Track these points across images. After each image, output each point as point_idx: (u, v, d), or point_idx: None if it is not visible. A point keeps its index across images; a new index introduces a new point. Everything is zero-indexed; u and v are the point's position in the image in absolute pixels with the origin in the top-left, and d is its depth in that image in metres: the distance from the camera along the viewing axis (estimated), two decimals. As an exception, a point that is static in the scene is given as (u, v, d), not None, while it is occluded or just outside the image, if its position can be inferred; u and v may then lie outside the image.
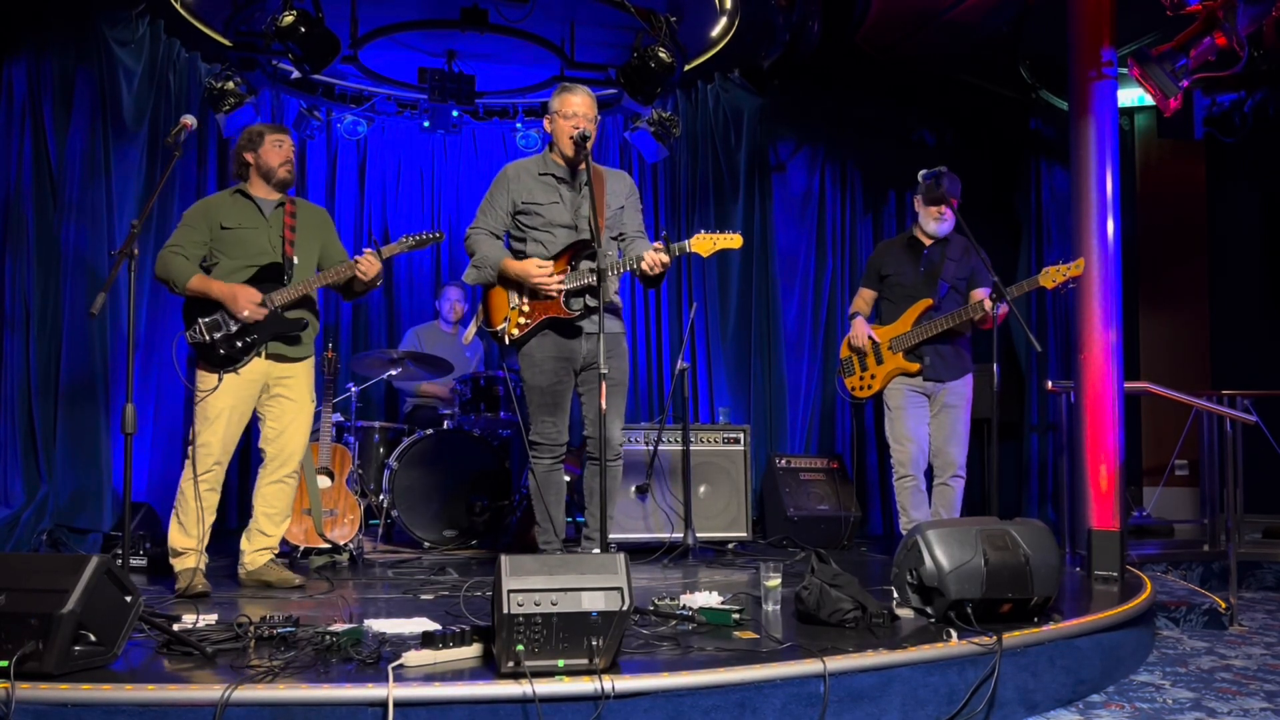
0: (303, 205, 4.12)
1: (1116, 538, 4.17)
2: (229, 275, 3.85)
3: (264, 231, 3.92)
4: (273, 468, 3.96)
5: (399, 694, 2.27)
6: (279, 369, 3.92)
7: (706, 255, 3.84)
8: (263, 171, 3.95)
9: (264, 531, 3.97)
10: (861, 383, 4.78)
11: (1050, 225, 7.10)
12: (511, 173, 3.99)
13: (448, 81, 6.23)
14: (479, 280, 3.94)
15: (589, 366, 3.91)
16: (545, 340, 3.87)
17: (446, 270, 7.16)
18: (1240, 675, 3.51)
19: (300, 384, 3.98)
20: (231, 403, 3.82)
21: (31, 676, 2.29)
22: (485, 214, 3.98)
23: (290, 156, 3.97)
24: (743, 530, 5.41)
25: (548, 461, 3.96)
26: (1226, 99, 6.64)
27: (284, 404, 3.94)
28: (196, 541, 3.79)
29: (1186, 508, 7.02)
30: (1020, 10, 5.86)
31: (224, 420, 3.81)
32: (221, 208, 3.94)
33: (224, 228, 3.88)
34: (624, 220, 4.00)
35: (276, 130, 3.98)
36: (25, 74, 5.40)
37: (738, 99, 6.89)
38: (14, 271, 5.31)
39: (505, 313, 3.90)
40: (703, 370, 6.81)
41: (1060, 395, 5.55)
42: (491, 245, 3.93)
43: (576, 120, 3.82)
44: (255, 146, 3.94)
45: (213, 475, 3.82)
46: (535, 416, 3.96)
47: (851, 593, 3.07)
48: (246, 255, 3.89)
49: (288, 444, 3.96)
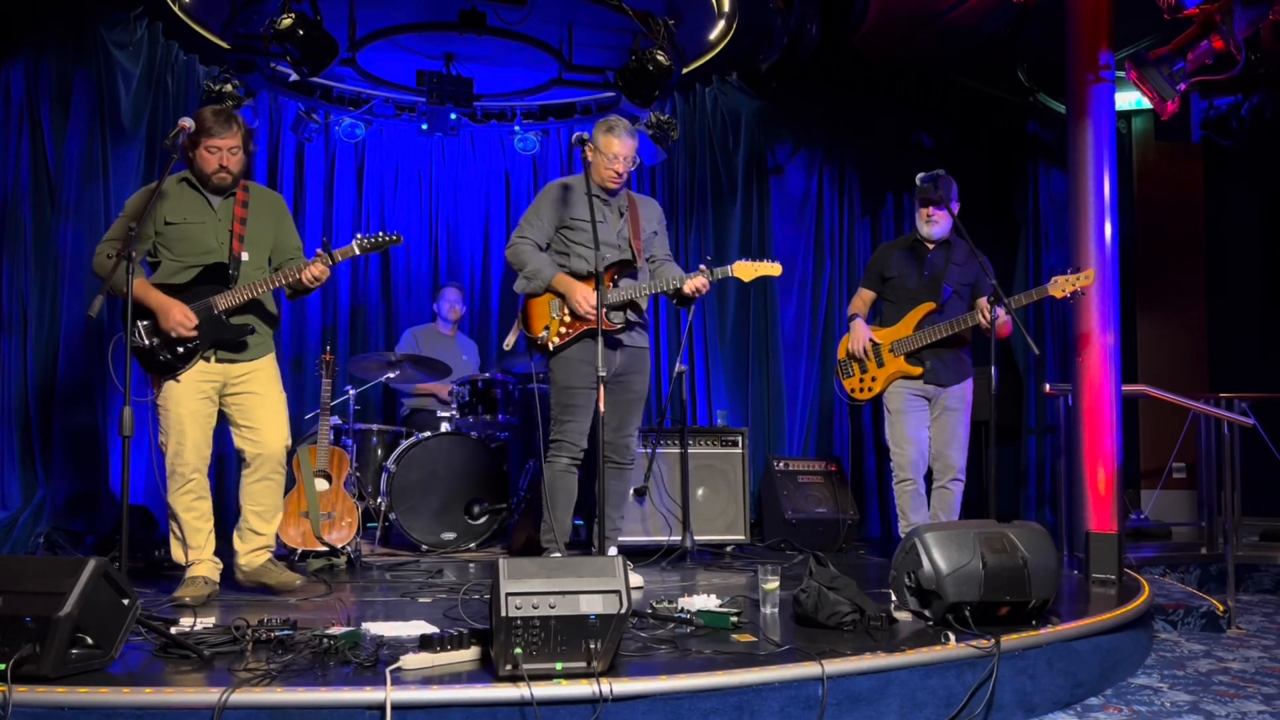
0: (256, 192, 3.89)
1: (1114, 540, 4.17)
2: (172, 275, 3.68)
3: (211, 226, 3.72)
4: (255, 465, 3.78)
5: (397, 697, 2.27)
6: (235, 370, 3.74)
7: (748, 280, 4.19)
8: (196, 174, 3.73)
9: (256, 530, 3.81)
10: (861, 385, 4.77)
11: (1048, 228, 7.11)
12: (562, 190, 4.14)
13: (446, 84, 6.24)
14: (529, 290, 4.08)
15: (616, 378, 4.09)
16: (585, 347, 3.99)
17: (445, 272, 7.16)
18: (1238, 678, 3.51)
19: (264, 378, 3.80)
20: (189, 409, 3.65)
21: (29, 679, 2.29)
22: (531, 225, 4.12)
23: (226, 163, 3.68)
24: (741, 533, 5.41)
25: (565, 461, 4.06)
26: (1224, 102, 6.66)
27: (250, 400, 3.76)
28: (198, 551, 3.68)
29: (1184, 510, 7.02)
30: (1018, 13, 5.87)
31: (189, 427, 3.65)
32: (165, 199, 3.69)
33: (168, 223, 3.68)
34: (655, 245, 4.27)
35: (217, 133, 3.65)
36: (23, 76, 5.40)
37: (736, 102, 6.90)
38: (12, 274, 5.31)
39: (546, 321, 4.04)
40: (701, 373, 6.81)
41: (1058, 398, 5.55)
42: (542, 258, 4.08)
43: (619, 165, 4.05)
44: (193, 144, 3.66)
45: (195, 484, 3.68)
46: (562, 416, 4.07)
47: (849, 595, 3.07)
48: (191, 253, 3.69)
49: (266, 440, 3.77)
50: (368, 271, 7.04)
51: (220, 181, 3.71)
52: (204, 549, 3.71)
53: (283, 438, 3.82)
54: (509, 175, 7.29)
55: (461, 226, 7.23)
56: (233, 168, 3.71)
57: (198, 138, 3.64)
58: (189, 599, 3.52)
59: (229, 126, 3.68)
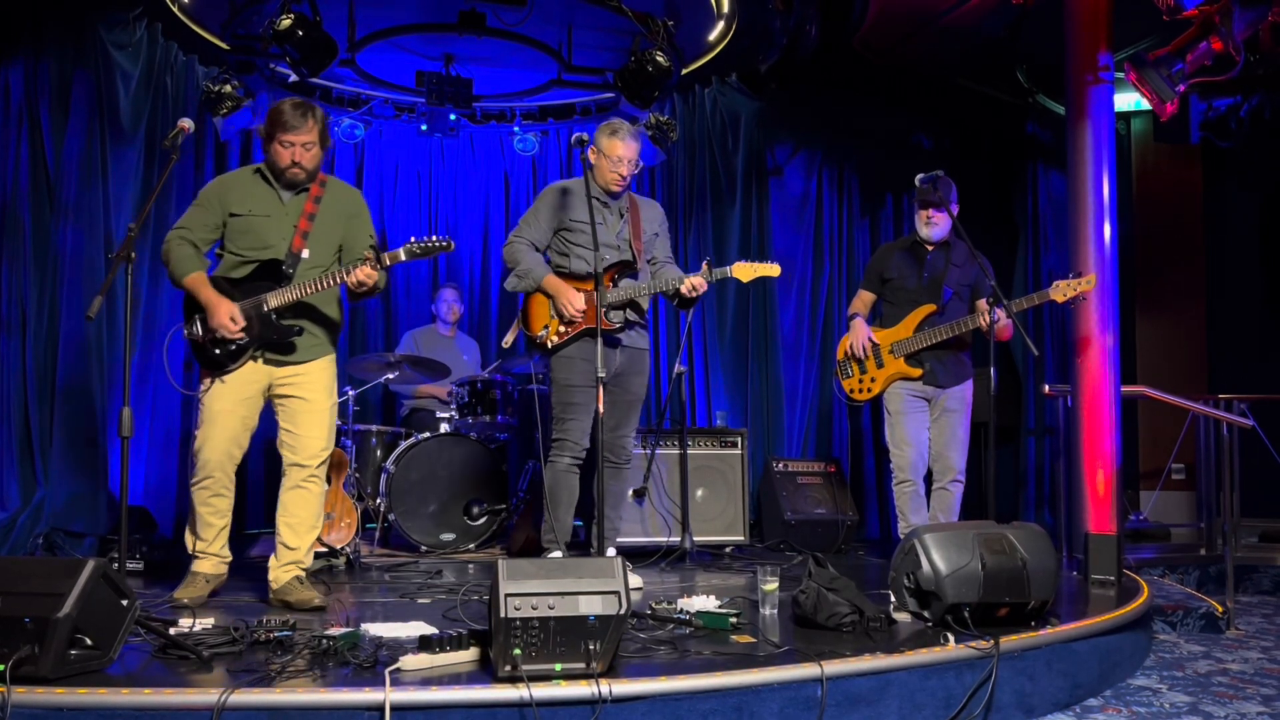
0: (334, 188, 3.70)
1: (1113, 541, 4.17)
2: (230, 270, 3.57)
3: (276, 221, 3.58)
4: (291, 473, 3.61)
5: (396, 698, 2.27)
6: (281, 372, 3.59)
7: (746, 281, 4.20)
8: (270, 167, 3.61)
9: (286, 544, 3.60)
10: (861, 385, 4.77)
11: (1047, 229, 7.11)
12: (561, 193, 4.14)
13: (445, 85, 6.24)
14: (520, 289, 4.10)
15: (614, 378, 4.08)
16: (585, 346, 3.99)
17: (444, 272, 7.16)
18: (1237, 679, 3.51)
19: (311, 382, 3.63)
20: (228, 406, 3.54)
21: (27, 680, 2.29)
22: (530, 226, 4.13)
23: (300, 159, 3.54)
24: (740, 534, 5.42)
25: (567, 460, 4.07)
26: (1223, 103, 6.65)
27: (295, 405, 3.61)
28: (206, 545, 3.61)
29: (1183, 511, 7.02)
30: (1017, 14, 5.87)
31: (219, 424, 3.53)
32: (236, 189, 3.59)
33: (233, 214, 3.57)
34: (656, 246, 4.27)
35: (292, 127, 3.50)
36: (22, 77, 5.39)
37: (735, 103, 6.90)
38: (11, 275, 5.30)
39: (545, 320, 4.05)
40: (700, 374, 6.81)
41: (1057, 399, 5.55)
42: (535, 258, 4.09)
43: (622, 168, 4.04)
44: (268, 137, 3.56)
45: (214, 481, 3.55)
46: (563, 415, 4.08)
47: (849, 596, 3.07)
48: (251, 247, 3.57)
49: (304, 447, 3.60)
50: (367, 272, 7.02)
51: (293, 178, 3.57)
52: (212, 544, 3.63)
53: (321, 447, 3.63)
54: (508, 176, 7.28)
55: (461, 227, 7.22)
56: (306, 164, 3.55)
57: (273, 130, 3.51)
58: (187, 600, 3.49)
59: (305, 121, 3.51)
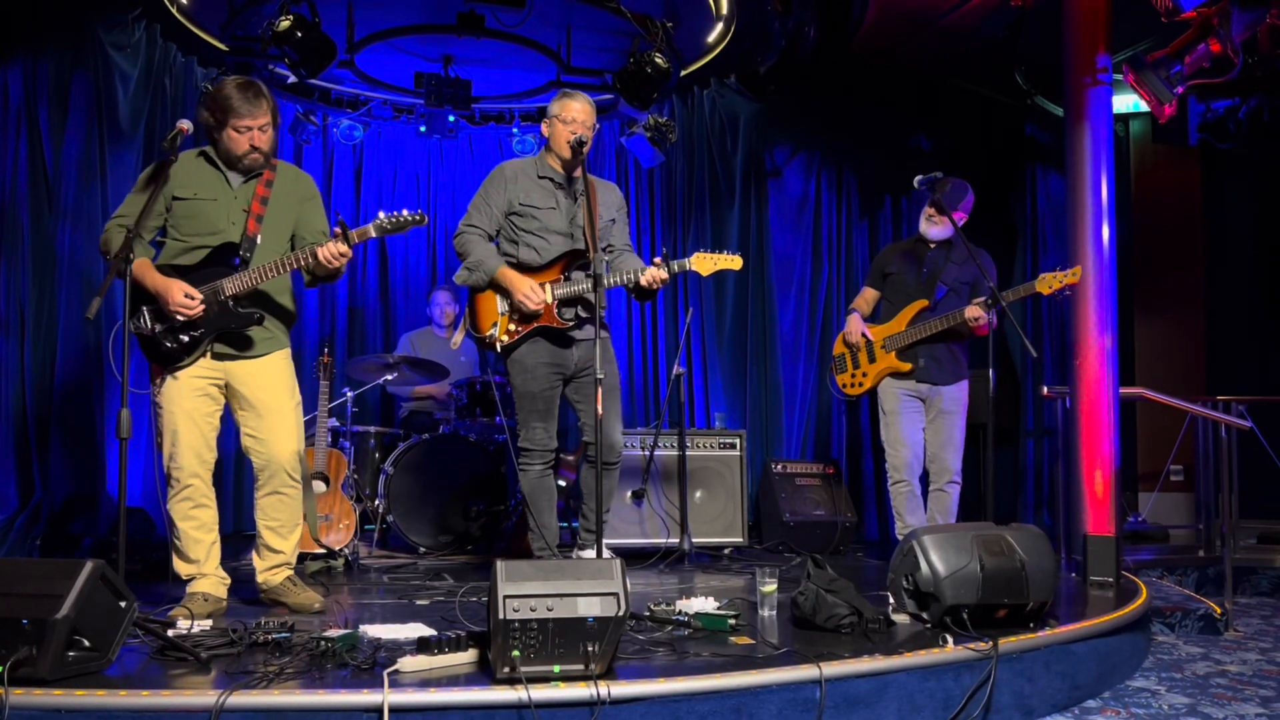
0: (283, 171, 3.51)
1: (1112, 543, 4.17)
2: (177, 256, 3.33)
3: (224, 204, 3.37)
4: (264, 477, 3.42)
5: (394, 700, 2.27)
6: (237, 368, 3.37)
7: (706, 274, 3.91)
8: (222, 154, 3.38)
9: (271, 547, 3.47)
10: (853, 380, 4.79)
11: (1046, 231, 7.12)
12: (509, 172, 3.99)
13: (444, 86, 6.24)
14: (470, 283, 3.94)
15: (580, 373, 3.95)
16: (537, 346, 3.88)
17: (443, 274, 7.16)
18: (1235, 680, 3.51)
19: (270, 377, 3.41)
20: (183, 406, 3.30)
21: (25, 682, 2.29)
22: (479, 212, 3.98)
23: (258, 143, 3.34)
24: (739, 535, 5.41)
25: (539, 467, 3.99)
26: (1221, 105, 6.65)
27: (255, 405, 3.38)
28: (199, 565, 3.37)
29: (1182, 513, 7.02)
30: (1016, 16, 5.88)
31: (184, 424, 3.30)
32: (179, 171, 3.33)
33: (176, 198, 3.32)
34: (613, 233, 4.05)
35: (245, 112, 3.30)
36: (21, 78, 5.40)
37: (734, 104, 6.90)
38: (9, 276, 5.30)
39: (494, 319, 3.90)
40: (699, 375, 6.81)
41: (1056, 400, 5.55)
42: (486, 249, 3.93)
43: (575, 127, 3.86)
44: (218, 124, 3.33)
45: (193, 490, 3.33)
46: (526, 423, 3.97)
47: (847, 598, 3.07)
48: (199, 233, 3.33)
49: (273, 451, 3.39)
50: (366, 274, 7.04)
51: (253, 163, 3.39)
52: (205, 562, 3.38)
53: (293, 450, 3.43)
54: (507, 177, 7.28)
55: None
56: (264, 147, 3.37)
57: (224, 118, 3.31)
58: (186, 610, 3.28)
59: (258, 103, 3.33)
